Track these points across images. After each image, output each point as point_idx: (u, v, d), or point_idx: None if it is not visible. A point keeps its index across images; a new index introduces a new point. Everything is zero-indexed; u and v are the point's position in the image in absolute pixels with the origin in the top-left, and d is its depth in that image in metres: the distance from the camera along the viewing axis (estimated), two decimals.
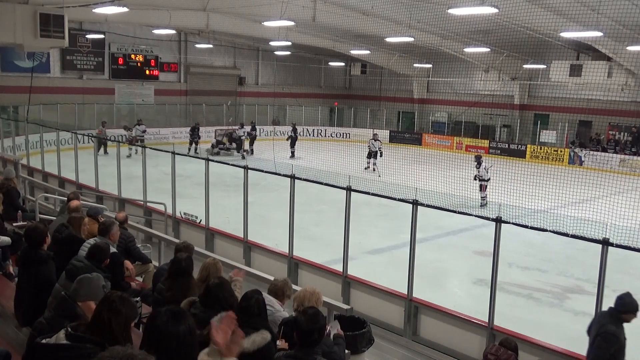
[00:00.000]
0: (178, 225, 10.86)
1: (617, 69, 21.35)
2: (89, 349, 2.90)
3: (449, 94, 30.41)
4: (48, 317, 3.57)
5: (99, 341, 2.94)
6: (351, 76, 35.30)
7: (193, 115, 28.57)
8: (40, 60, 23.78)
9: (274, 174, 9.10)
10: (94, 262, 4.79)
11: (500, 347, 4.73)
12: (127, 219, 7.38)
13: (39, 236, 4.87)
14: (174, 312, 2.78)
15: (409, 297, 7.24)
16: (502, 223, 6.43)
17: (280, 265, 8.79)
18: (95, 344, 2.93)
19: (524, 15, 16.19)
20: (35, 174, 15.08)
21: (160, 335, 2.69)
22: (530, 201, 10.40)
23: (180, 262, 4.74)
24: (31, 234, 4.87)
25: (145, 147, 12.35)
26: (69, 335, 2.99)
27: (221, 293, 3.97)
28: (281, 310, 4.38)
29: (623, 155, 23.34)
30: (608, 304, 4.95)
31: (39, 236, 4.87)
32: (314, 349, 3.45)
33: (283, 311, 4.40)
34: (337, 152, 20.37)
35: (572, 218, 6.47)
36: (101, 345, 2.90)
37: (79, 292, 3.68)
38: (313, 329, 3.42)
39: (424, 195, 7.41)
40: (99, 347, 2.89)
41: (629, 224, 6.77)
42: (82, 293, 3.68)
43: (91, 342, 2.94)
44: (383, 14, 19.09)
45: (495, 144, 27.32)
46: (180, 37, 28.68)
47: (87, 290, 3.69)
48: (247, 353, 3.46)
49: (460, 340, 6.83)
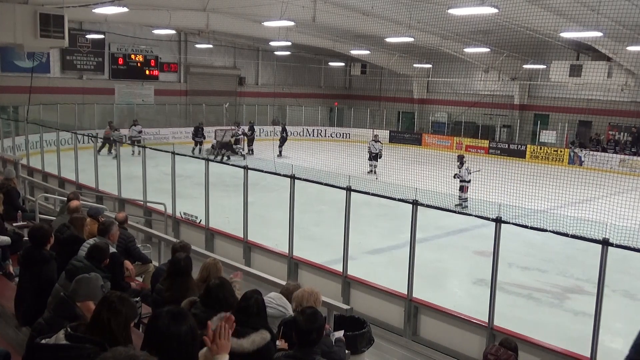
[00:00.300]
0: (178, 225, 10.86)
1: (617, 69, 21.34)
2: (89, 349, 2.90)
3: (448, 94, 30.41)
4: (47, 317, 3.57)
5: (98, 341, 2.93)
6: (351, 76, 35.30)
7: (193, 116, 28.58)
8: (40, 60, 23.78)
9: (274, 174, 9.10)
10: (93, 262, 4.79)
11: (500, 347, 4.73)
12: (127, 219, 7.38)
13: (44, 236, 4.87)
14: (175, 312, 2.78)
15: (409, 297, 7.24)
16: (502, 223, 6.43)
17: (280, 265, 8.79)
18: (95, 344, 2.92)
19: (524, 16, 16.19)
20: (35, 174, 15.08)
21: (162, 336, 2.69)
22: (530, 201, 10.42)
23: (179, 262, 4.73)
24: (36, 234, 4.87)
25: (145, 147, 12.34)
26: (68, 335, 2.99)
27: (222, 293, 3.97)
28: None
29: (623, 155, 23.35)
30: (608, 304, 4.95)
31: (44, 236, 4.87)
32: (313, 348, 3.44)
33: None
34: (337, 153, 20.38)
35: (572, 218, 6.47)
36: (101, 346, 2.90)
37: (78, 292, 3.68)
38: (311, 328, 3.41)
39: (424, 195, 7.42)
40: (99, 347, 2.89)
41: (629, 224, 6.77)
42: (80, 293, 3.68)
43: (91, 342, 2.94)
44: (383, 14, 19.08)
45: (495, 144, 27.32)
46: (180, 37, 28.67)
47: (86, 291, 3.69)
48: (247, 353, 3.45)
49: (460, 341, 6.83)
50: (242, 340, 3.46)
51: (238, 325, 3.53)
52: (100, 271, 4.53)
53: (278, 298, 4.29)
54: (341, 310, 5.97)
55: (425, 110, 31.96)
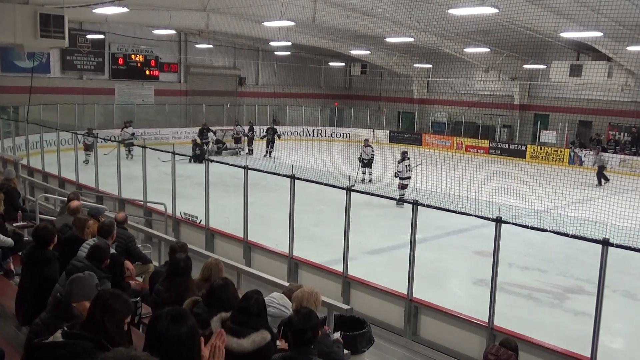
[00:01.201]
0: (178, 225, 10.87)
1: (617, 69, 21.34)
2: (85, 345, 2.92)
3: (449, 94, 30.41)
4: (44, 318, 3.56)
5: (94, 338, 2.95)
6: (351, 76, 35.30)
7: (193, 116, 28.58)
8: (40, 61, 23.78)
9: (274, 174, 9.10)
10: (94, 262, 4.79)
11: (501, 347, 4.73)
12: (127, 219, 7.38)
13: (48, 236, 4.87)
14: (175, 314, 2.78)
15: (409, 297, 7.24)
16: (502, 223, 6.43)
17: (280, 265, 8.79)
18: (91, 340, 2.94)
19: (524, 16, 16.19)
20: (35, 174, 15.08)
21: (162, 338, 2.69)
22: (530, 201, 10.41)
23: (179, 263, 4.73)
24: (40, 234, 4.86)
25: (145, 147, 12.34)
26: (65, 333, 3.00)
27: (225, 294, 3.97)
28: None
29: (623, 155, 23.34)
30: (608, 304, 4.95)
31: (48, 236, 4.87)
32: (309, 348, 3.43)
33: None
34: (337, 153, 20.38)
35: (572, 218, 6.46)
36: (96, 342, 2.92)
37: (73, 292, 3.67)
38: (306, 327, 3.41)
39: (424, 195, 7.42)
40: (95, 343, 2.91)
41: (629, 224, 6.77)
42: (75, 293, 3.66)
43: (86, 339, 2.95)
44: (383, 14, 19.08)
45: (495, 144, 27.32)
46: (180, 37, 28.67)
47: (81, 290, 3.68)
48: (247, 353, 3.45)
49: (460, 341, 6.83)
50: (242, 340, 3.46)
51: (238, 325, 3.54)
52: (101, 272, 4.53)
53: (280, 298, 4.29)
54: (341, 310, 5.97)
55: (425, 110, 31.96)
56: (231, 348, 3.41)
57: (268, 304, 3.96)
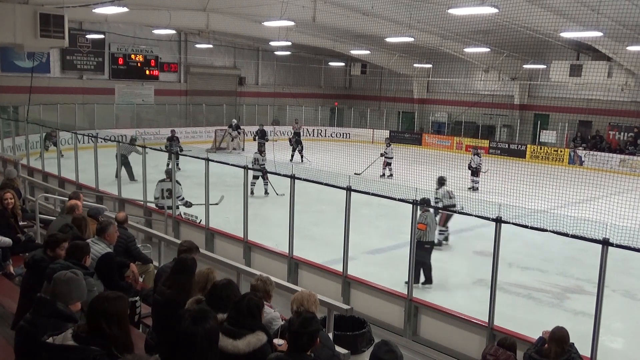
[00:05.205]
0: (178, 225, 10.86)
1: (617, 69, 21.35)
2: (94, 352, 2.94)
3: (449, 94, 30.42)
4: (29, 319, 3.49)
5: (104, 343, 2.98)
6: (351, 76, 35.29)
7: (193, 116, 28.57)
8: (40, 60, 23.78)
9: (274, 174, 9.10)
10: (71, 260, 4.62)
11: (499, 347, 4.73)
12: (127, 219, 7.37)
13: (55, 242, 4.84)
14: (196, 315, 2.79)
15: (409, 297, 7.25)
16: (502, 223, 6.43)
17: (280, 265, 8.79)
18: (101, 346, 2.97)
19: (524, 15, 16.19)
20: (35, 174, 15.07)
21: (181, 335, 2.70)
22: (530, 201, 10.40)
23: (186, 261, 4.71)
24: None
25: (145, 147, 12.33)
26: (75, 336, 3.01)
27: (225, 293, 3.96)
28: (272, 312, 4.31)
29: (623, 155, 23.34)
30: (608, 304, 4.95)
31: (55, 242, 4.84)
32: (304, 355, 3.35)
33: (274, 312, 4.34)
34: (336, 153, 20.37)
35: (572, 218, 6.45)
36: (106, 349, 2.95)
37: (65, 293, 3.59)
38: (303, 332, 3.33)
39: (424, 195, 7.42)
40: (104, 350, 2.95)
41: (629, 224, 6.77)
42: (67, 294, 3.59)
43: (96, 345, 2.98)
44: (383, 14, 19.08)
45: (495, 144, 27.32)
46: (180, 37, 28.67)
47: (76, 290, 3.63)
48: (242, 354, 3.41)
49: (460, 341, 6.82)
50: (237, 342, 3.43)
51: (234, 326, 3.51)
52: (82, 268, 4.43)
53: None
54: (341, 310, 5.96)
55: (425, 110, 31.95)
56: (226, 349, 3.37)
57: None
